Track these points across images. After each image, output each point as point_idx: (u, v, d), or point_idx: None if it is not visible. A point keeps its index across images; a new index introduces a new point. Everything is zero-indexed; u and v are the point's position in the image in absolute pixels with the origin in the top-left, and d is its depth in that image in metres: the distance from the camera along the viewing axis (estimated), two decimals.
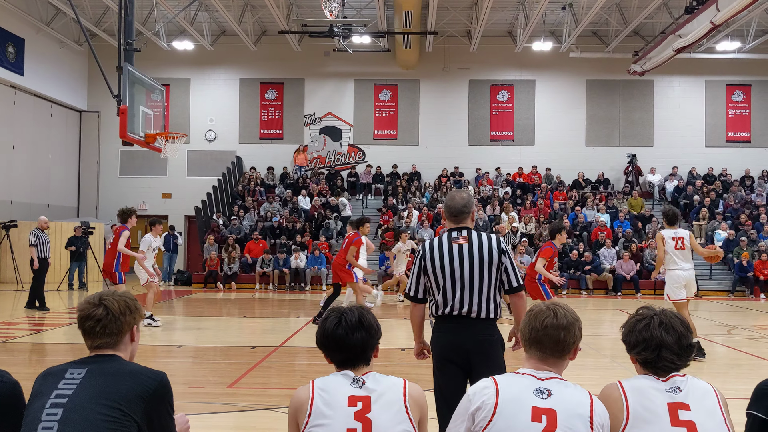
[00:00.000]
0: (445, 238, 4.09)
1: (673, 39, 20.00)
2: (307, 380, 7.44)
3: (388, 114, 25.90)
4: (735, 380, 7.72)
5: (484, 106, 25.67)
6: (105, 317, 2.56)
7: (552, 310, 2.64)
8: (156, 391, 2.49)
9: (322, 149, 25.89)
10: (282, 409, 6.15)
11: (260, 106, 25.97)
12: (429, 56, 25.20)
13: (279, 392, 7.02)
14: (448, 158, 25.23)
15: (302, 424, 2.52)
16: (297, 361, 8.97)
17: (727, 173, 24.64)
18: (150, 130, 12.83)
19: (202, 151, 25.47)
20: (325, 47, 24.84)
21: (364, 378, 2.61)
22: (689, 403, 2.53)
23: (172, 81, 24.81)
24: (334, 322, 2.68)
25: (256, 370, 8.07)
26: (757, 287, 19.21)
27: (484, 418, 2.45)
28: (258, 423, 5.88)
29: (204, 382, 7.37)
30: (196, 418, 5.75)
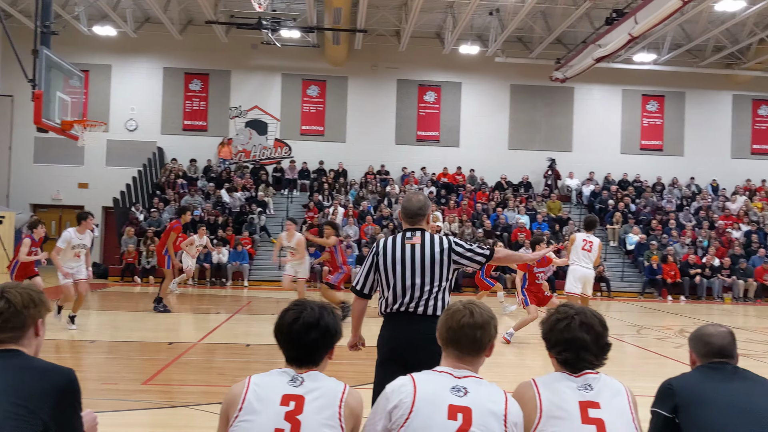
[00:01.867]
0: (399, 238, 4.18)
1: (594, 48, 20.72)
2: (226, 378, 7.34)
3: (315, 110, 25.78)
4: (642, 378, 8.07)
5: (411, 106, 25.91)
6: (7, 310, 2.45)
7: (468, 309, 2.68)
8: (63, 388, 2.41)
9: (247, 143, 25.53)
10: (199, 407, 6.06)
11: (184, 96, 25.37)
12: (358, 54, 25.23)
13: (196, 389, 6.90)
14: (374, 156, 25.35)
15: (232, 418, 2.47)
16: (216, 357, 8.83)
17: (641, 180, 25.73)
18: (67, 117, 12.34)
19: (123, 140, 24.70)
20: (252, 40, 24.50)
21: (304, 377, 2.55)
22: (599, 402, 2.61)
23: (92, 67, 23.93)
24: (292, 317, 2.61)
25: (173, 366, 7.90)
26: (665, 289, 20.14)
27: (401, 416, 2.47)
28: (173, 420, 5.76)
29: (118, 378, 7.17)
30: (109, 415, 5.59)
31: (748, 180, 26.16)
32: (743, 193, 25.59)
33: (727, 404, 2.79)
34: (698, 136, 26.60)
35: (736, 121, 26.82)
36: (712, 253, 21.01)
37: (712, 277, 20.38)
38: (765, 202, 25.06)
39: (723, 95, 26.74)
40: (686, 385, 2.93)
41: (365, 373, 7.88)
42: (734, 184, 26.11)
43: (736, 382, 2.92)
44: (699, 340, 3.13)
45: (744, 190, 25.74)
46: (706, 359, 3.07)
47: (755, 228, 23.26)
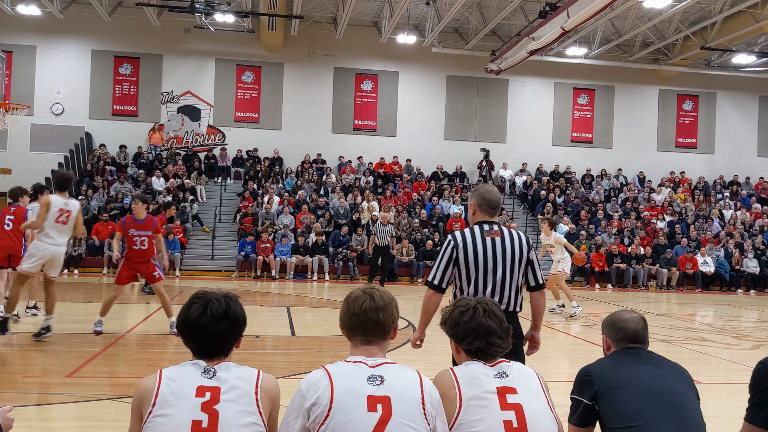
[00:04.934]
0: (477, 231, 4.12)
1: (528, 41, 21.07)
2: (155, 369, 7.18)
3: (250, 96, 25.39)
4: (572, 364, 8.30)
5: (348, 94, 25.82)
6: None
7: (368, 294, 2.72)
8: None
9: (179, 129, 24.95)
10: (127, 399, 5.89)
11: (114, 80, 24.58)
12: (294, 40, 24.95)
13: (124, 381, 6.73)
14: (311, 145, 25.17)
15: (145, 414, 2.40)
16: (145, 349, 8.63)
17: (571, 171, 26.39)
18: None
19: (48, 125, 23.77)
20: (185, 23, 23.90)
21: (216, 368, 2.51)
22: (515, 387, 2.70)
23: (15, 48, 22.95)
24: (199, 310, 2.54)
25: (100, 358, 7.67)
26: (593, 278, 20.75)
27: (321, 413, 2.44)
28: (100, 413, 5.59)
29: (40, 371, 6.91)
30: (31, 409, 5.40)
31: (672, 172, 27.17)
32: (668, 185, 26.57)
33: (642, 388, 2.89)
34: (626, 129, 27.45)
35: (661, 115, 27.79)
36: (638, 243, 21.75)
37: (637, 265, 21.10)
38: (687, 193, 26.10)
39: (650, 90, 27.66)
40: (603, 371, 3.03)
41: (298, 363, 7.86)
42: (660, 176, 27.08)
43: (650, 366, 3.03)
44: (613, 326, 3.22)
45: (669, 182, 26.73)
46: (621, 344, 3.17)
47: (678, 219, 24.20)
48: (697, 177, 27.26)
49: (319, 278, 19.48)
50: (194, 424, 2.35)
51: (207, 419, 2.37)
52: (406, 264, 20.05)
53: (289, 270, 19.51)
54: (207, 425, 2.36)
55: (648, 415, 2.81)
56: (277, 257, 19.38)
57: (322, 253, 19.78)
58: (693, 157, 27.87)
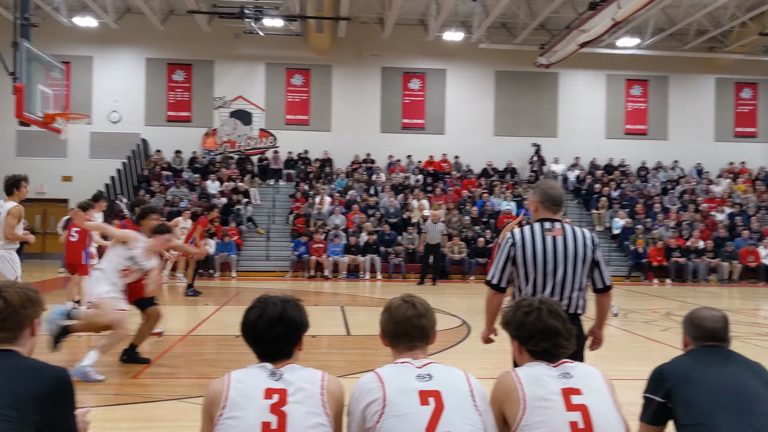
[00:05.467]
0: (537, 229, 3.98)
1: (577, 34, 20.74)
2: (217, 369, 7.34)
3: (300, 99, 25.68)
4: (630, 362, 8.16)
5: (396, 93, 25.87)
6: (4, 310, 2.45)
7: (409, 302, 2.80)
8: (56, 388, 2.40)
9: (232, 133, 25.40)
10: (190, 400, 6.05)
11: (167, 87, 25.18)
12: (342, 42, 25.12)
13: (187, 382, 6.90)
14: (360, 145, 25.31)
15: (216, 416, 2.48)
16: (206, 349, 8.82)
17: (626, 164, 25.88)
18: (49, 109, 12.21)
19: (106, 132, 24.48)
20: (235, 29, 24.31)
21: (282, 370, 2.58)
22: (580, 388, 2.67)
23: (73, 59, 23.67)
24: (256, 315, 2.62)
25: (163, 359, 7.89)
26: (650, 272, 20.32)
27: (376, 412, 2.51)
28: (165, 414, 5.75)
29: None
30: (99, 410, 5.58)
31: (731, 163, 26.38)
32: (727, 175, 25.80)
33: (718, 388, 2.84)
34: (682, 120, 26.77)
35: (719, 104, 27.00)
36: (697, 236, 21.19)
37: (697, 259, 20.57)
38: (748, 184, 25.29)
39: (706, 79, 26.90)
40: (678, 369, 2.99)
41: (355, 362, 7.93)
42: (718, 167, 26.33)
43: (728, 366, 2.97)
44: (692, 324, 3.17)
45: (728, 173, 25.96)
46: (698, 342, 3.11)
47: (738, 210, 23.48)
48: (758, 167, 26.40)
49: (372, 277, 19.58)
50: (264, 425, 2.42)
51: (276, 421, 2.43)
52: (457, 262, 19.99)
53: (342, 269, 19.67)
54: (276, 426, 2.42)
55: (721, 413, 2.76)
56: (329, 257, 19.55)
57: (373, 252, 19.88)
58: (753, 147, 26.99)
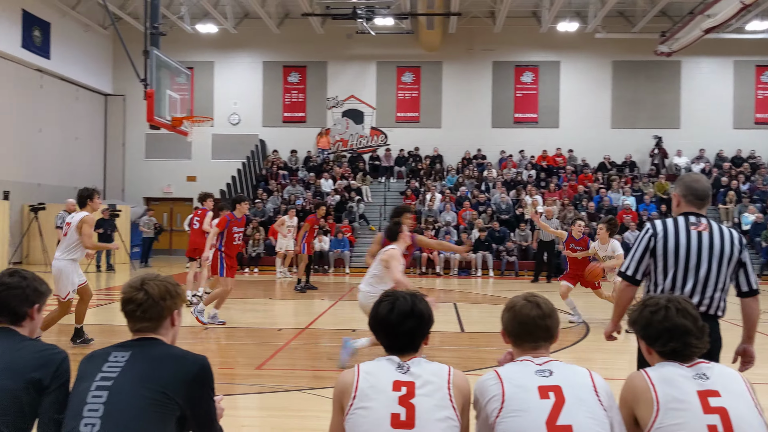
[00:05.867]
0: (681, 222, 3.77)
1: (702, 19, 19.64)
2: (334, 363, 7.47)
3: (410, 96, 25.81)
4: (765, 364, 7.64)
5: (508, 87, 25.47)
6: (145, 301, 2.60)
7: (533, 302, 2.74)
8: (198, 375, 2.54)
9: (344, 132, 25.90)
10: (310, 391, 6.22)
11: (283, 89, 26.00)
12: (452, 38, 25.01)
13: (306, 374, 7.10)
14: (470, 141, 25.13)
15: (347, 406, 2.54)
16: (323, 343, 9.03)
17: (756, 155, 24.26)
18: (176, 113, 12.91)
19: (227, 134, 25.58)
20: (347, 29, 24.75)
21: (410, 363, 2.61)
22: (718, 389, 2.54)
23: (196, 64, 24.89)
24: (387, 308, 2.66)
25: (284, 351, 8.15)
26: None
27: (495, 408, 2.52)
28: (287, 404, 5.94)
29: (233, 363, 7.47)
30: (227, 399, 5.83)
31: None
32: None
33: None
34: None
35: None
36: None
37: None
38: None
39: None
40: None
41: (470, 359, 7.88)
42: None
43: None
44: None
45: None
46: None
47: None
48: None
49: (483, 274, 19.39)
50: (393, 417, 2.45)
51: (405, 412, 2.46)
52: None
53: (453, 266, 19.60)
54: (405, 418, 2.45)
55: None
56: (441, 254, 19.53)
57: (485, 249, 19.68)
58: None
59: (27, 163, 21.34)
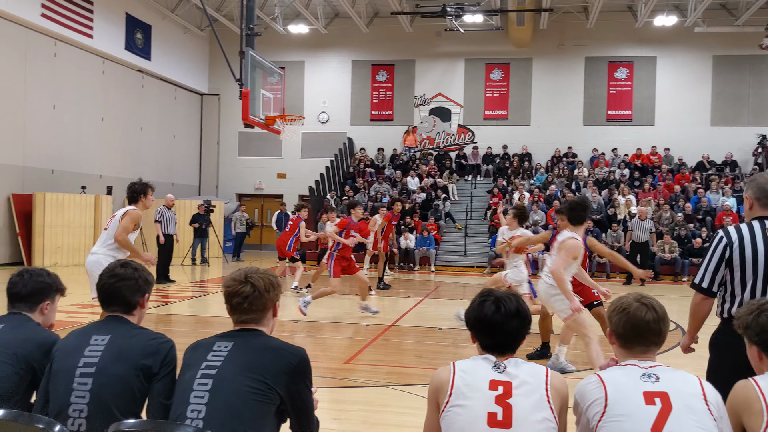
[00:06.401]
0: (757, 228, 3.51)
1: None
2: (421, 359, 7.50)
3: (499, 94, 25.50)
4: None
5: (600, 84, 24.77)
6: (252, 294, 2.69)
7: (647, 305, 2.63)
8: (297, 366, 2.62)
9: (431, 130, 25.87)
10: (399, 387, 6.26)
11: (371, 87, 26.22)
12: (543, 34, 24.55)
13: (394, 370, 7.14)
14: (561, 138, 24.59)
15: (442, 404, 2.54)
16: (409, 340, 9.07)
17: None
18: (269, 112, 13.25)
19: (316, 132, 26.04)
20: (436, 27, 24.71)
21: (506, 363, 2.58)
22: None
23: (287, 64, 25.42)
24: (493, 308, 2.63)
25: (371, 347, 8.23)
26: None
27: (597, 412, 2.45)
28: (377, 399, 6.00)
29: (323, 357, 7.60)
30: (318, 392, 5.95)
31: None
32: None
33: None
34: None
35: None
36: None
37: None
38: None
39: None
40: None
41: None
42: None
43: None
44: None
45: None
46: None
47: None
48: None
49: None
50: (490, 416, 2.43)
51: (501, 412, 2.44)
52: (668, 261, 18.72)
53: (542, 266, 19.21)
54: (502, 418, 2.42)
55: None
56: (529, 254, 19.17)
57: None
58: None
59: (129, 160, 22.42)
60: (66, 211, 17.89)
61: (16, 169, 17.55)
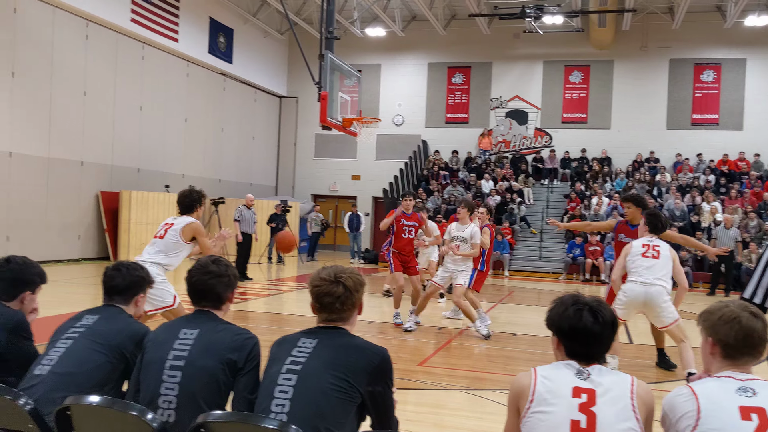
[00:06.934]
0: None
1: None
2: (496, 364, 7.43)
3: (578, 96, 24.98)
4: None
5: (685, 87, 23.91)
6: (343, 294, 2.75)
7: (755, 314, 2.51)
8: (379, 366, 2.65)
9: (507, 133, 25.58)
10: (472, 392, 6.22)
11: (447, 90, 26.14)
12: (625, 35, 23.90)
13: (468, 374, 7.09)
14: (642, 143, 23.88)
15: (523, 410, 2.51)
16: (482, 344, 8.98)
17: None
18: (346, 114, 13.40)
19: (390, 134, 26.15)
20: (514, 29, 24.42)
21: (590, 370, 2.52)
22: None
23: (364, 67, 25.66)
24: (591, 318, 2.54)
25: (444, 350, 8.21)
26: None
27: (688, 426, 2.35)
28: (450, 402, 5.98)
29: (396, 358, 7.61)
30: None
31: None
32: None
33: None
34: None
35: None
36: None
37: None
38: None
39: None
40: None
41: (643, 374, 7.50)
42: None
43: None
44: None
45: None
46: None
47: None
48: None
49: None
50: (573, 423, 2.38)
51: (585, 420, 2.38)
52: None
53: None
54: (585, 426, 2.37)
55: None
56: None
57: None
58: None
59: (210, 160, 23.11)
60: (150, 209, 18.58)
61: (105, 167, 18.35)
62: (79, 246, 17.57)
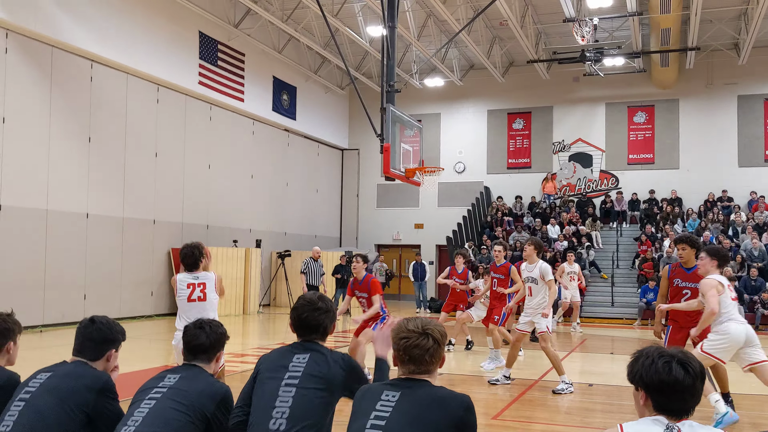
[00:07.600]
0: None
1: None
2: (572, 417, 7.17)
3: (643, 137, 24.51)
4: None
5: (756, 123, 23.18)
6: (432, 346, 2.77)
7: None
8: (463, 417, 2.68)
9: (571, 176, 25.23)
10: None
11: (508, 136, 26.08)
12: (689, 73, 23.46)
13: (544, 428, 6.85)
14: (713, 181, 23.15)
15: None
16: (557, 396, 8.69)
17: None
18: (408, 164, 13.47)
19: (452, 182, 26.15)
20: (574, 73, 24.32)
21: (680, 426, 2.40)
22: None
23: (424, 117, 25.94)
24: (682, 372, 2.44)
25: (518, 403, 7.97)
26: None
27: None
28: None
29: None
30: None
31: None
32: None
33: None
34: None
35: None
36: None
37: None
38: None
39: None
40: None
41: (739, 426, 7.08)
42: None
43: None
44: None
45: None
46: None
47: None
48: None
49: None
50: None
51: None
52: None
53: None
54: None
55: None
56: None
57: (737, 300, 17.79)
58: None
59: (276, 214, 23.54)
60: (220, 264, 18.96)
61: (176, 225, 18.90)
62: (151, 302, 18.02)
